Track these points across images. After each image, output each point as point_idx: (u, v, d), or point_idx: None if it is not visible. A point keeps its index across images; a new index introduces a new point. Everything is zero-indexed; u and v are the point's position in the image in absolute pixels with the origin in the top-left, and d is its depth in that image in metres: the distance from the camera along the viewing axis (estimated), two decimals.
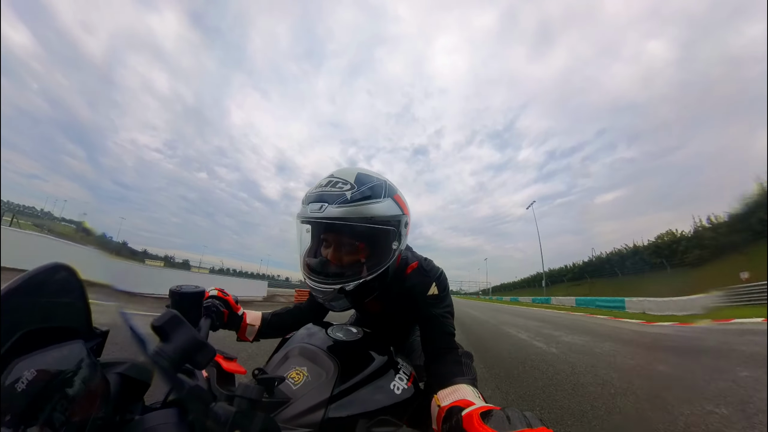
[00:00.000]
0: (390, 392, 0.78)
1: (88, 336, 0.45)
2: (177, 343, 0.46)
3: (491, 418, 0.50)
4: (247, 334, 1.08)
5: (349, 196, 0.78)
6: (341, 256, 0.86)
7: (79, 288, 0.45)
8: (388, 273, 0.89)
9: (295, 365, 0.77)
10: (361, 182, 0.83)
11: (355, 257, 0.85)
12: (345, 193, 0.79)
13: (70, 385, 0.37)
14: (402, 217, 0.89)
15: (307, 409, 0.65)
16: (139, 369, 0.48)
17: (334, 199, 0.78)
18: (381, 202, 0.83)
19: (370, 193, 0.81)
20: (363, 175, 0.86)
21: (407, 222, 0.93)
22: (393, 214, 0.85)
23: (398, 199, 0.89)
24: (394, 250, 0.88)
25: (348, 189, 0.80)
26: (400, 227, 0.89)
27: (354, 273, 0.83)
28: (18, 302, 0.36)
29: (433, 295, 0.96)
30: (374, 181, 0.85)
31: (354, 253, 0.86)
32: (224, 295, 0.99)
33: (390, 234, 0.85)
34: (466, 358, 0.94)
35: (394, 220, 0.86)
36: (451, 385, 0.75)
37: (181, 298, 0.75)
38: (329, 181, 0.83)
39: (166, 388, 0.48)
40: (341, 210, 0.76)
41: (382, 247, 0.86)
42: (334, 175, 0.86)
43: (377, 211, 0.81)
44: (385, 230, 0.84)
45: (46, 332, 0.38)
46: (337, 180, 0.83)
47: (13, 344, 0.34)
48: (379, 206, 0.82)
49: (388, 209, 0.84)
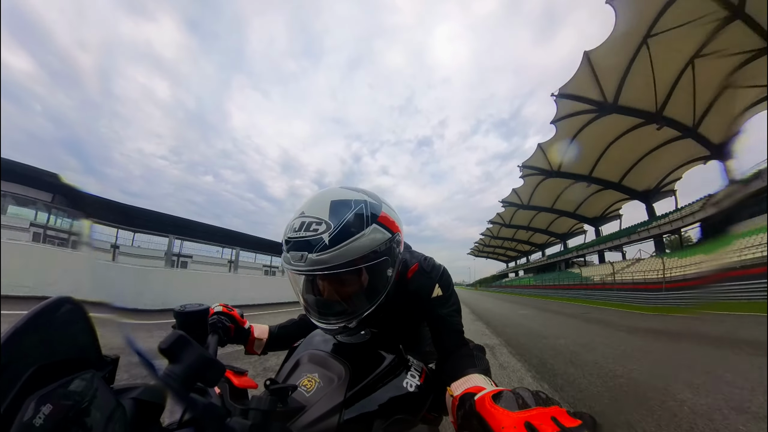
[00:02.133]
0: (403, 390, 0.79)
1: (99, 365, 0.46)
2: (186, 363, 0.47)
3: (502, 399, 0.51)
4: (255, 348, 1.09)
5: (327, 240, 0.71)
6: (338, 292, 0.83)
7: (84, 319, 0.45)
8: (389, 294, 0.87)
9: (306, 372, 0.78)
10: (338, 215, 0.75)
11: (351, 292, 0.83)
12: (322, 236, 0.72)
13: (87, 415, 0.38)
14: (392, 240, 0.83)
15: (322, 414, 0.66)
16: (152, 392, 0.49)
17: (313, 246, 0.71)
18: (364, 235, 0.76)
19: (349, 229, 0.74)
20: (337, 203, 0.78)
21: (399, 240, 0.89)
22: (380, 242, 0.79)
23: (383, 219, 0.82)
24: (390, 276, 0.85)
25: (324, 231, 0.72)
26: (392, 251, 0.84)
27: (354, 309, 0.82)
28: (26, 339, 0.37)
29: (438, 297, 0.94)
30: (352, 208, 0.77)
31: (349, 290, 0.83)
32: (229, 310, 0.99)
33: (382, 263, 0.81)
34: (477, 351, 0.95)
35: (383, 248, 0.80)
36: (462, 376, 0.76)
37: (186, 317, 0.75)
38: (302, 223, 0.75)
39: (181, 408, 0.49)
40: (323, 258, 0.71)
41: (378, 278, 0.83)
42: (305, 213, 0.77)
43: (362, 248, 0.75)
44: (376, 264, 0.79)
45: (57, 365, 0.39)
46: (310, 221, 0.75)
47: (27, 380, 0.35)
48: (363, 241, 0.75)
49: (373, 240, 0.77)
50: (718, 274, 17.99)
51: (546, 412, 0.46)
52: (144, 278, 8.85)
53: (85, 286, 0.52)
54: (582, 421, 0.44)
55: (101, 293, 0.52)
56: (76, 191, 12.59)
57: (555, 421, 0.44)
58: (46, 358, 0.38)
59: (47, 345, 0.39)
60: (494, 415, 0.49)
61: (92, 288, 0.59)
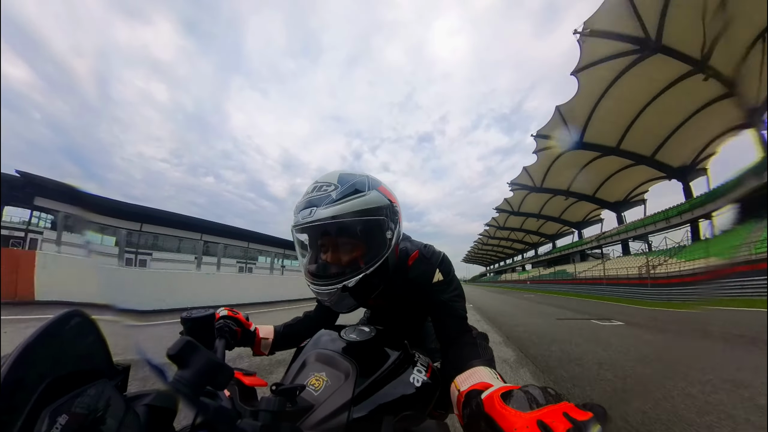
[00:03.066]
0: (410, 386, 0.80)
1: (111, 374, 0.47)
2: (195, 368, 0.48)
3: (512, 399, 0.50)
4: (262, 348, 1.11)
5: (335, 196, 0.83)
6: (339, 256, 0.88)
7: (94, 330, 0.46)
8: (389, 265, 0.92)
9: (314, 371, 0.79)
10: (345, 181, 0.87)
11: (352, 254, 0.88)
12: (330, 193, 0.83)
13: (102, 423, 0.39)
14: (391, 206, 0.93)
15: (331, 413, 0.67)
16: (164, 398, 0.50)
17: (321, 201, 0.82)
18: (367, 194, 0.87)
19: (353, 189, 0.86)
20: (345, 174, 0.91)
21: (397, 210, 0.97)
22: (381, 204, 0.89)
23: (383, 190, 0.93)
24: (389, 239, 0.90)
25: (333, 189, 0.84)
26: (391, 215, 0.92)
27: (353, 269, 0.86)
28: (39, 353, 0.38)
29: (439, 282, 0.97)
30: (357, 178, 0.90)
31: (351, 250, 0.88)
32: (234, 313, 1.00)
33: (382, 224, 0.89)
34: (480, 339, 0.96)
35: (383, 209, 0.89)
36: (467, 368, 0.76)
37: (192, 323, 0.77)
38: (314, 186, 0.88)
39: (193, 412, 0.51)
40: (330, 210, 0.80)
41: (377, 238, 0.89)
42: (318, 180, 0.90)
43: (364, 204, 0.85)
44: (376, 220, 0.87)
45: (70, 377, 0.40)
46: (321, 184, 0.87)
47: (41, 393, 0.36)
48: (366, 198, 0.86)
49: (375, 200, 0.88)
50: (725, 269, 17.41)
51: (557, 408, 0.46)
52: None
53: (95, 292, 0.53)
54: (593, 413, 0.44)
55: (108, 298, 0.52)
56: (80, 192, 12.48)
57: (567, 417, 0.44)
58: (59, 371, 0.39)
59: (59, 358, 0.40)
60: (505, 417, 0.48)
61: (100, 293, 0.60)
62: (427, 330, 1.29)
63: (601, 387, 3.50)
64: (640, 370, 4.15)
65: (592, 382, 3.64)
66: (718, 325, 7.95)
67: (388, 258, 0.90)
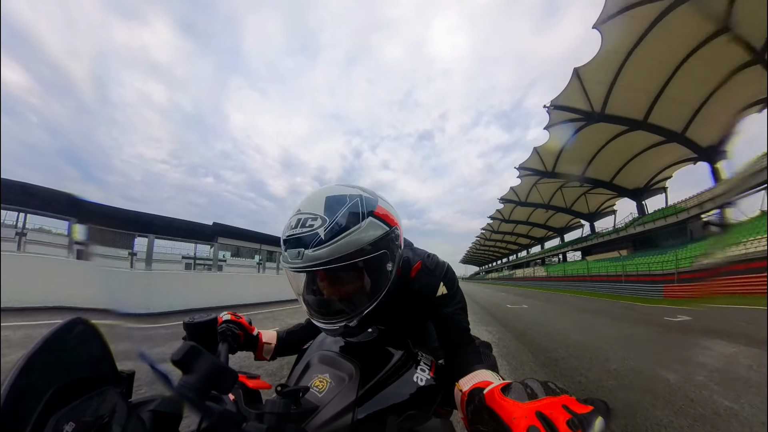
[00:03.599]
0: (414, 385, 0.79)
1: (115, 381, 0.47)
2: (199, 372, 0.48)
3: (512, 391, 0.51)
4: (264, 353, 1.10)
5: (323, 235, 0.71)
6: (338, 293, 0.82)
7: (98, 338, 0.47)
8: (390, 291, 0.85)
9: (317, 373, 0.79)
10: (332, 210, 0.75)
11: (351, 290, 0.81)
12: (317, 231, 0.71)
13: (108, 430, 0.39)
14: (389, 233, 0.82)
15: (335, 414, 0.67)
16: (169, 403, 0.50)
17: (309, 242, 0.71)
18: (359, 229, 0.75)
19: (344, 223, 0.73)
20: (332, 198, 0.78)
21: (398, 234, 0.87)
22: (378, 235, 0.78)
23: (380, 213, 0.81)
24: (390, 271, 0.83)
25: (319, 225, 0.72)
26: (390, 245, 0.82)
27: (354, 306, 0.80)
28: (44, 362, 0.38)
29: (443, 295, 0.93)
30: (347, 203, 0.77)
31: (349, 287, 0.81)
32: (237, 317, 1.00)
33: (381, 258, 0.79)
34: (483, 348, 0.94)
35: (380, 241, 0.79)
36: (470, 372, 0.75)
37: (195, 328, 0.77)
38: (298, 220, 0.75)
39: (198, 417, 0.51)
40: (319, 253, 0.70)
41: (377, 273, 0.81)
42: (301, 210, 0.77)
43: (358, 241, 0.74)
44: (375, 257, 0.78)
45: (76, 384, 0.41)
46: (305, 217, 0.75)
47: (47, 401, 0.36)
48: (360, 235, 0.74)
49: (370, 233, 0.77)
50: (723, 267, 17.53)
51: (557, 400, 0.46)
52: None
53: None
54: (594, 407, 0.44)
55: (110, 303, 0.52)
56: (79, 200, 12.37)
57: (566, 409, 0.44)
58: (65, 378, 0.40)
59: (64, 366, 0.40)
60: (504, 407, 0.48)
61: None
62: (430, 328, 1.28)
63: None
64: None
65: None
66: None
67: (390, 288, 0.84)
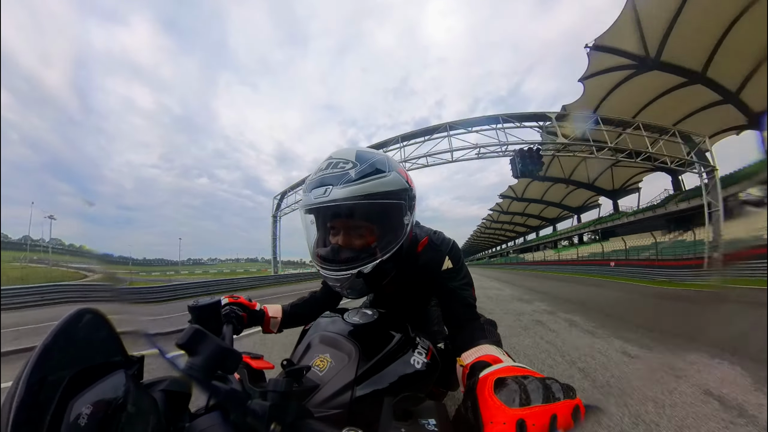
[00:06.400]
0: (411, 367, 0.82)
1: (127, 365, 0.50)
2: (205, 354, 0.51)
3: (504, 389, 0.47)
4: (272, 327, 1.14)
5: (354, 175, 0.75)
6: (352, 240, 0.82)
7: (107, 325, 0.49)
8: (403, 251, 0.87)
9: (319, 353, 0.83)
10: (363, 159, 0.79)
11: (367, 239, 0.82)
12: (348, 172, 0.75)
13: (124, 410, 0.42)
14: (409, 189, 0.87)
15: (335, 392, 0.71)
16: (178, 383, 0.53)
17: (338, 180, 0.74)
18: (387, 176, 0.80)
19: (374, 169, 0.78)
20: (363, 152, 0.83)
21: (414, 195, 0.92)
22: (401, 187, 0.83)
23: (402, 172, 0.87)
24: (406, 225, 0.86)
25: (351, 167, 0.76)
26: (409, 200, 0.87)
27: (369, 255, 0.80)
28: (57, 352, 0.41)
29: (448, 269, 0.94)
30: (376, 157, 0.82)
31: (366, 234, 0.82)
32: (235, 298, 1.02)
33: (401, 208, 0.83)
34: (488, 325, 0.96)
35: (402, 193, 0.83)
36: (474, 347, 0.76)
37: (200, 311, 0.80)
38: (329, 163, 0.79)
39: (206, 395, 0.54)
40: (347, 190, 0.73)
41: (395, 223, 0.84)
42: (333, 156, 0.82)
43: (385, 185, 0.78)
44: (396, 204, 0.82)
45: (90, 370, 0.43)
46: (337, 160, 0.79)
47: (65, 388, 0.39)
48: (386, 180, 0.79)
49: (395, 183, 0.81)
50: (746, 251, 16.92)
51: (547, 410, 0.42)
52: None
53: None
54: (586, 418, 0.42)
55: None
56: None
57: (553, 421, 0.41)
58: (79, 365, 0.42)
59: (77, 354, 0.43)
60: (488, 406, 0.46)
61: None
62: (429, 313, 1.33)
63: None
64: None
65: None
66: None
67: (403, 244, 0.86)
